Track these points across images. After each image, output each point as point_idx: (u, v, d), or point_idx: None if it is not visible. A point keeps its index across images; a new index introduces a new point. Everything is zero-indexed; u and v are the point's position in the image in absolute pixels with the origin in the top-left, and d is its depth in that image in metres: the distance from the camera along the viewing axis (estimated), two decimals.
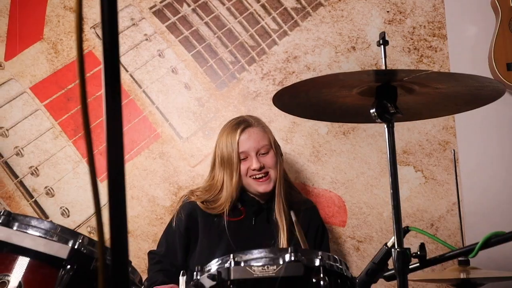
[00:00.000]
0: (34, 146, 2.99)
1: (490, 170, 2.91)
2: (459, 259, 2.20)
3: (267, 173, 2.53)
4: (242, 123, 2.57)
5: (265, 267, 1.57)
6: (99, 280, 0.90)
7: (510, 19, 2.81)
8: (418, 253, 1.70)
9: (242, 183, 2.54)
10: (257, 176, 2.52)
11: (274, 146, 2.58)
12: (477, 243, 1.68)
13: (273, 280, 1.58)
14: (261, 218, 2.56)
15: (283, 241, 2.47)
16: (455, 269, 2.23)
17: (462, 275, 2.16)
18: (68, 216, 2.94)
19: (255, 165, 2.50)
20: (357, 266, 2.85)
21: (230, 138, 2.54)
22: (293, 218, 2.26)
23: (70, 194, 2.96)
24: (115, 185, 0.90)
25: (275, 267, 1.57)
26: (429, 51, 2.97)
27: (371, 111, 1.69)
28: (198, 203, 2.53)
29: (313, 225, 2.61)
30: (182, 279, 1.64)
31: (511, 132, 2.93)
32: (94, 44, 3.02)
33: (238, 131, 2.53)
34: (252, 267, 1.58)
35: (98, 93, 2.81)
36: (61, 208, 2.95)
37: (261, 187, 2.52)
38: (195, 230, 2.54)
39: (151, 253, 2.60)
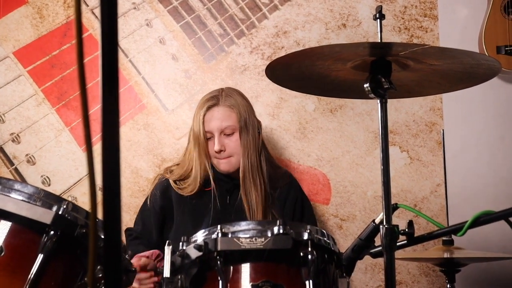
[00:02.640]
0: (16, 112, 2.93)
1: (474, 153, 2.92)
2: (444, 238, 2.21)
3: (227, 157, 2.49)
4: (210, 100, 2.51)
5: (253, 239, 1.55)
6: (90, 249, 0.87)
7: (502, 2, 2.80)
8: (406, 230, 1.70)
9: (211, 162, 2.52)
10: (218, 157, 2.49)
11: (242, 127, 2.49)
12: (465, 222, 1.67)
13: (261, 252, 1.56)
14: (236, 194, 2.52)
15: None
16: (439, 248, 2.24)
17: (446, 255, 2.16)
18: (49, 185, 2.89)
19: (216, 146, 2.46)
20: (340, 244, 2.84)
21: (198, 115, 2.49)
22: None
23: (51, 163, 2.91)
24: (109, 153, 0.86)
25: (263, 239, 1.56)
26: (419, 31, 2.95)
27: (365, 85, 1.67)
28: (171, 181, 2.52)
29: (291, 200, 2.57)
30: (167, 249, 1.62)
31: (497, 115, 2.93)
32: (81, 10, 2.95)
33: (204, 109, 2.48)
34: (240, 239, 1.56)
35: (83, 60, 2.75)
36: (42, 176, 2.90)
37: (221, 166, 2.50)
38: (170, 208, 2.53)
39: (128, 230, 2.58)
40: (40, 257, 1.52)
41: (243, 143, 2.48)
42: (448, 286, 2.25)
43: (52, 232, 1.54)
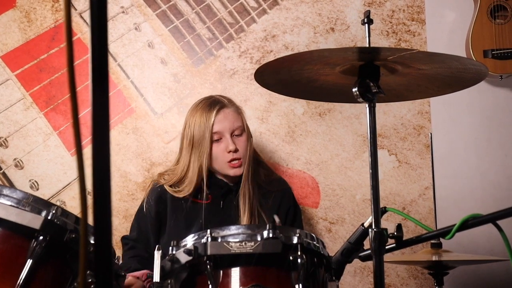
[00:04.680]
0: (4, 116, 2.92)
1: (462, 156, 2.94)
2: (432, 241, 2.22)
3: (239, 158, 2.46)
4: (217, 103, 2.49)
5: (243, 243, 1.56)
6: (80, 255, 0.87)
7: (489, 6, 2.82)
8: (395, 233, 1.71)
9: (211, 165, 2.48)
10: (231, 159, 2.45)
11: (246, 128, 2.53)
12: (453, 225, 1.68)
13: (250, 256, 1.56)
14: (229, 200, 2.53)
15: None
16: (427, 251, 2.26)
17: (434, 258, 2.18)
18: (37, 189, 2.88)
19: (231, 146, 2.43)
20: (329, 247, 2.84)
21: (205, 118, 2.45)
22: (277, 221, 2.15)
23: (40, 167, 2.90)
24: (99, 158, 0.86)
25: (252, 243, 1.56)
26: (407, 35, 2.97)
27: (353, 90, 1.67)
28: (166, 186, 2.50)
29: (284, 207, 2.58)
30: (157, 254, 1.61)
31: (483, 119, 2.96)
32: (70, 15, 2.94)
33: (214, 111, 2.45)
34: (230, 243, 1.56)
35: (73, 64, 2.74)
36: (30, 181, 2.89)
37: (232, 171, 2.47)
38: (165, 213, 2.52)
39: (124, 239, 2.57)
40: (29, 262, 1.52)
41: (249, 145, 2.51)
42: None
43: (41, 237, 1.54)
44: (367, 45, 1.70)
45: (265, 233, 1.57)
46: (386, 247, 1.68)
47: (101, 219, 0.86)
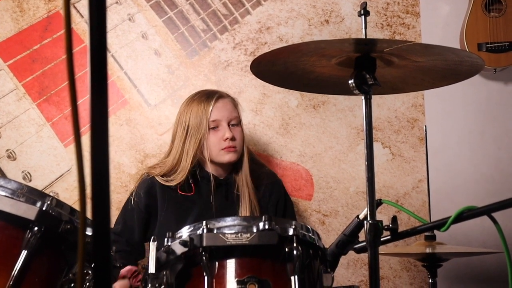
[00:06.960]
0: None
1: (455, 149, 2.95)
2: (426, 234, 2.23)
3: (235, 146, 2.48)
4: (215, 93, 2.52)
5: (239, 234, 1.55)
6: (79, 246, 0.87)
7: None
8: (390, 225, 1.71)
9: (204, 154, 2.48)
10: (226, 146, 2.46)
11: (241, 121, 2.56)
12: (448, 217, 1.69)
13: (246, 248, 1.56)
14: (219, 194, 2.53)
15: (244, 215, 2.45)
16: (421, 243, 2.26)
17: (428, 250, 2.18)
18: (30, 181, 2.86)
19: (228, 134, 2.44)
20: (322, 239, 2.85)
21: (202, 106, 2.46)
22: None
23: (32, 158, 2.88)
24: (98, 151, 0.86)
25: (248, 235, 1.56)
26: (401, 28, 2.97)
27: (350, 81, 1.67)
28: (157, 177, 2.49)
29: (274, 199, 2.59)
30: (152, 245, 1.61)
31: (477, 112, 2.96)
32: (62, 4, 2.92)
33: (213, 100, 2.48)
34: (225, 235, 1.56)
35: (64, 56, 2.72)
36: (23, 172, 2.87)
37: (228, 156, 2.47)
38: (154, 206, 2.52)
39: None
40: (24, 253, 1.51)
41: (244, 136, 2.55)
42: (430, 281, 2.27)
43: (36, 228, 1.53)
44: (364, 37, 1.70)
45: (261, 225, 1.57)
46: (381, 239, 1.69)
47: (99, 211, 0.86)
